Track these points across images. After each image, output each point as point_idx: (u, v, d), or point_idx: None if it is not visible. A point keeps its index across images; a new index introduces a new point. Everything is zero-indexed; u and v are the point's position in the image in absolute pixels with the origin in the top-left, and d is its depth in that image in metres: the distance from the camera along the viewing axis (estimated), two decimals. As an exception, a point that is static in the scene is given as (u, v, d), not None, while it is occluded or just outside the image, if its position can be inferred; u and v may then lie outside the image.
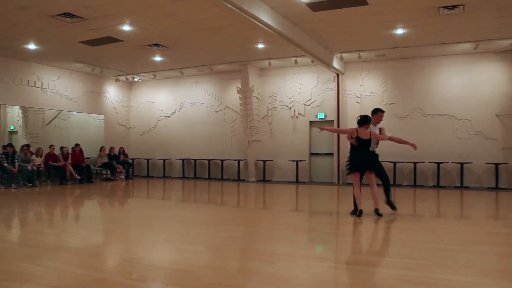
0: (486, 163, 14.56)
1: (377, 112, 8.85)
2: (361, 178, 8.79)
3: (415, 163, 15.13)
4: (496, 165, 14.30)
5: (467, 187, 14.63)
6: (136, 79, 19.99)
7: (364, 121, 8.54)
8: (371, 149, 8.66)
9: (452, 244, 6.14)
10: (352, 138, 8.66)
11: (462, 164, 14.65)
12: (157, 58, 16.18)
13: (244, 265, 5.15)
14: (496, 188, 14.25)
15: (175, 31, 12.70)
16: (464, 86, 15.12)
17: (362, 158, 8.54)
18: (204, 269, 4.77)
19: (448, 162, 14.94)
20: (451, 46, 14.29)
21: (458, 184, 14.83)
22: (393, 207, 8.82)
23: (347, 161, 8.91)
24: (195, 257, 5.33)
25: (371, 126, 8.67)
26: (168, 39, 13.69)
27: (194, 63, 17.18)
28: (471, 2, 10.35)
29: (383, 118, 8.91)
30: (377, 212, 8.46)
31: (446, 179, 15.11)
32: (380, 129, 8.83)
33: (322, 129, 9.16)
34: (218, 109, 19.02)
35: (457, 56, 15.18)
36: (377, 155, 8.82)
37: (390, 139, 8.82)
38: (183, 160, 19.50)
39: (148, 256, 5.42)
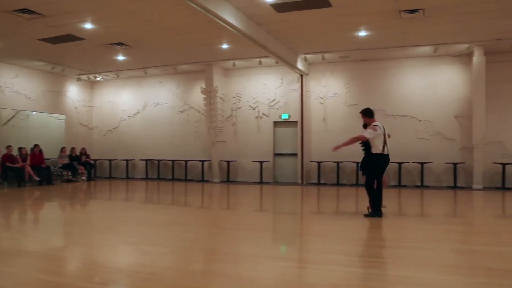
0: (445, 163, 14.97)
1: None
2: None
3: (377, 163, 15.36)
4: (455, 164, 14.73)
5: (427, 186, 14.99)
6: (98, 79, 19.62)
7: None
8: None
9: (412, 241, 6.29)
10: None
11: (422, 164, 15.01)
12: (120, 57, 15.93)
13: (209, 266, 5.12)
14: (454, 187, 14.67)
15: (139, 30, 12.54)
16: (424, 88, 15.50)
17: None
18: (167, 270, 4.72)
19: (409, 162, 15.28)
20: (412, 49, 14.63)
21: (419, 183, 15.19)
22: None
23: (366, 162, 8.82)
24: (158, 258, 5.27)
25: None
26: (131, 38, 13.50)
27: (158, 62, 16.99)
28: (431, 7, 10.63)
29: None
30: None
31: (407, 179, 15.45)
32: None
33: (336, 148, 9.14)
34: (182, 109, 18.87)
35: (418, 58, 15.55)
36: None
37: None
38: (146, 160, 19.26)
39: (110, 258, 5.32)
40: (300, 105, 16.62)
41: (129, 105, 20.01)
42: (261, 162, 16.96)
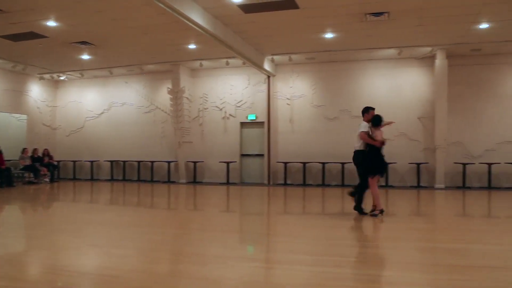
0: (409, 163, 15.28)
1: (369, 110, 8.90)
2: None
3: (343, 164, 15.59)
4: (418, 164, 15.06)
5: (392, 186, 15.26)
6: (62, 78, 19.19)
7: (379, 121, 8.64)
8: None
9: (378, 240, 6.41)
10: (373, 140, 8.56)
11: (387, 164, 15.24)
12: (85, 57, 15.63)
13: (174, 268, 5.08)
14: (418, 186, 14.99)
15: (104, 29, 12.33)
16: (389, 89, 15.78)
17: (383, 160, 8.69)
18: (132, 273, 4.65)
19: (374, 163, 15.48)
20: (377, 51, 14.89)
21: (384, 183, 15.42)
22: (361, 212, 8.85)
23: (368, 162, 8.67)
24: (123, 261, 5.19)
25: (364, 124, 8.72)
26: (96, 37, 13.26)
27: (124, 62, 16.75)
28: (395, 11, 10.85)
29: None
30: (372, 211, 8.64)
31: (372, 179, 15.66)
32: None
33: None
34: (148, 109, 18.65)
35: (383, 61, 15.83)
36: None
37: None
38: (111, 162, 18.96)
39: (73, 262, 5.21)
40: (267, 106, 16.68)
41: (94, 105, 19.66)
42: (228, 163, 16.93)
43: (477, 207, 11.02)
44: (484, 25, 12.00)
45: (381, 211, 8.51)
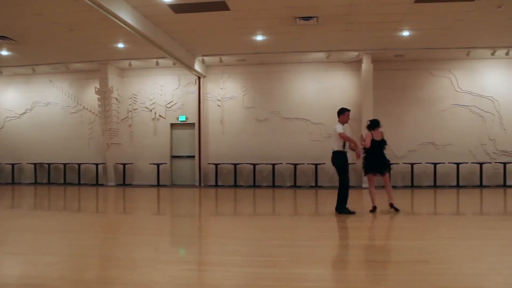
0: (337, 164, 15.72)
1: (344, 112, 9.30)
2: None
3: (273, 165, 15.81)
4: (346, 165, 15.53)
5: (321, 186, 15.66)
6: (-22, 75, 18.11)
7: (375, 124, 9.46)
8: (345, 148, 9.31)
9: (307, 240, 6.57)
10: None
11: (316, 165, 15.66)
12: (4, 52, 14.79)
13: (103, 273, 4.94)
14: (345, 187, 15.46)
15: (26, 23, 11.70)
16: (318, 92, 16.21)
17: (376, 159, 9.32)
18: (59, 281, 4.47)
19: (304, 163, 15.86)
20: (307, 54, 15.25)
21: (313, 184, 15.83)
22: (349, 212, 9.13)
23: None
24: (49, 269, 4.96)
25: (339, 125, 9.23)
26: (17, 32, 12.55)
27: (48, 60, 16.04)
28: (324, 15, 11.17)
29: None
30: (393, 207, 9.22)
31: (302, 179, 16.03)
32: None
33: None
34: (74, 110, 17.98)
35: (312, 64, 16.23)
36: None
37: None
38: (35, 164, 18.08)
39: (-7, 270, 4.93)
40: (198, 107, 16.61)
41: (15, 105, 18.66)
42: (158, 165, 16.68)
43: (401, 206, 11.52)
44: (406, 33, 12.66)
45: (374, 208, 9.18)
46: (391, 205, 9.31)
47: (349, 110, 9.42)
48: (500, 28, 12.13)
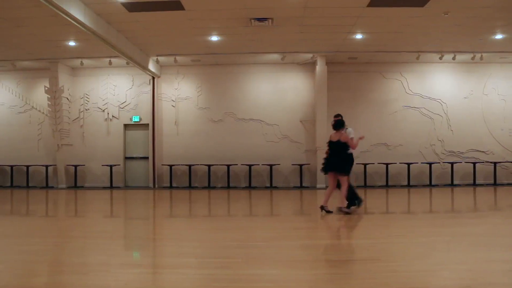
0: (292, 164, 15.89)
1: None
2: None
3: (228, 166, 15.78)
4: (300, 166, 15.73)
5: (276, 187, 15.76)
6: None
7: (339, 125, 9.55)
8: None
9: (262, 240, 6.59)
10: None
11: (271, 165, 15.75)
12: None
13: (53, 279, 4.78)
14: (301, 187, 15.64)
15: (-33, 18, 11.18)
16: (272, 93, 16.30)
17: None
18: (5, 288, 4.30)
19: (258, 164, 15.92)
20: (262, 56, 15.31)
21: (268, 185, 15.90)
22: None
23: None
24: (-6, 275, 4.77)
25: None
26: (-42, 28, 11.99)
27: (-7, 57, 15.42)
28: (279, 17, 11.24)
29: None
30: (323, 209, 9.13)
31: (257, 180, 16.08)
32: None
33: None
34: (22, 109, 17.34)
35: (267, 65, 16.31)
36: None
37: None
38: (-21, 166, 17.35)
39: None
40: (152, 108, 16.38)
41: (-42, 104, 17.84)
42: (111, 166, 16.34)
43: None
44: (359, 36, 12.92)
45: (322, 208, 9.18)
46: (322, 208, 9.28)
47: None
48: (447, 33, 12.60)
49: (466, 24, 11.73)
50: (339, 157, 9.38)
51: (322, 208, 9.10)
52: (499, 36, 12.86)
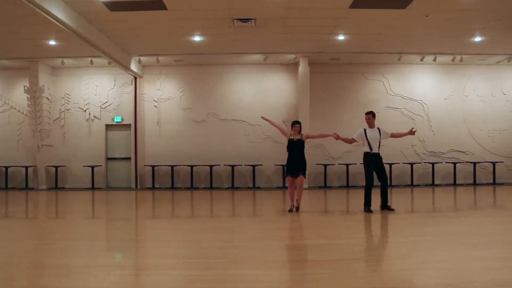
0: (275, 165, 15.93)
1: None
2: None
3: (211, 166, 15.74)
4: (283, 166, 15.71)
5: (259, 187, 15.77)
6: None
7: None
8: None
9: (245, 241, 6.60)
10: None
11: (254, 166, 15.76)
12: None
13: (32, 282, 4.69)
14: (283, 187, 15.63)
15: None
16: (255, 93, 16.32)
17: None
18: (-16, 291, 4.23)
19: (241, 165, 15.91)
20: (244, 56, 15.33)
21: (251, 185, 15.90)
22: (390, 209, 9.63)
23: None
24: (-28, 278, 4.69)
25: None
26: None
27: (-29, 56, 15.14)
28: (262, 18, 11.27)
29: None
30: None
31: (240, 181, 16.07)
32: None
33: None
34: (1, 109, 17.05)
35: (250, 65, 16.33)
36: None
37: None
38: (-43, 167, 17.03)
39: None
40: (134, 108, 16.26)
41: None
42: (92, 167, 16.17)
43: (336, 205, 11.87)
44: (341, 37, 13.01)
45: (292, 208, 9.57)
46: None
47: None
48: (428, 35, 12.77)
49: (446, 26, 11.91)
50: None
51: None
52: (478, 39, 13.09)
